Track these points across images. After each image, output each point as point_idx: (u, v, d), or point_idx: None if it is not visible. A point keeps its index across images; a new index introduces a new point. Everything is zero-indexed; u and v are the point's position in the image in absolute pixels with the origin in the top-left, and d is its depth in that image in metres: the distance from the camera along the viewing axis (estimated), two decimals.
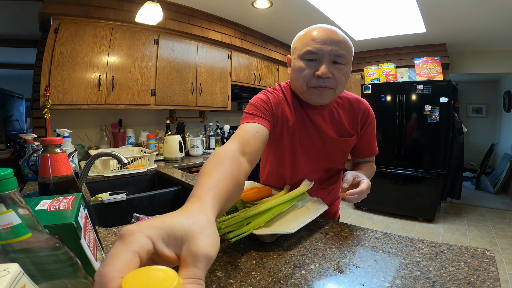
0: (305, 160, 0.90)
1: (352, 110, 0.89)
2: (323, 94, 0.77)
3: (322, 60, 0.75)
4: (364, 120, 0.90)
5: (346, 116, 0.89)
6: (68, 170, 0.52)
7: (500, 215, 3.39)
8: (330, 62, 0.75)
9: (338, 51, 0.74)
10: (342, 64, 0.76)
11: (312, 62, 0.76)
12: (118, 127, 2.37)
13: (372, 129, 0.93)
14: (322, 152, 0.90)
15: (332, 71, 0.75)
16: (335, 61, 0.75)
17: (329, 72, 0.74)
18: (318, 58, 0.75)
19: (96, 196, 1.20)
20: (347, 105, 0.89)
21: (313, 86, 0.77)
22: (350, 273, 0.55)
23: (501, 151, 4.88)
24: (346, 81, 0.79)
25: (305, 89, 0.79)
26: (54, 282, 0.28)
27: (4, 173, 0.28)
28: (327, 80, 0.75)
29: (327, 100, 0.81)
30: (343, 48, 0.75)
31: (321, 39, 0.74)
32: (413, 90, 3.23)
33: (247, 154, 0.63)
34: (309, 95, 0.79)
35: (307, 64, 0.76)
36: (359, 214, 3.54)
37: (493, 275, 0.52)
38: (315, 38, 0.75)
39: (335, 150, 0.90)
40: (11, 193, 0.28)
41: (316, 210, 0.77)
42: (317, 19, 2.83)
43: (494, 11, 2.48)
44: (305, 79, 0.77)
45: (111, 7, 2.05)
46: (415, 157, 3.27)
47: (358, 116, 0.89)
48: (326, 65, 0.74)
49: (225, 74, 2.91)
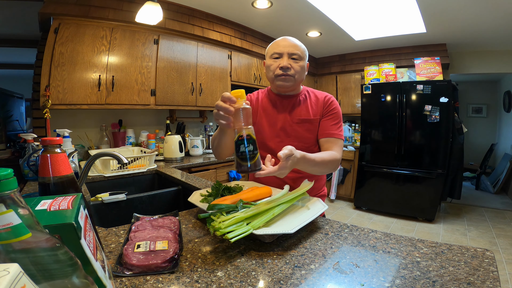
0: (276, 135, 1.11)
1: (317, 99, 1.13)
2: (286, 79, 1.05)
3: (283, 57, 1.04)
4: (325, 105, 1.11)
5: (312, 103, 1.13)
6: (68, 170, 0.52)
7: (500, 215, 3.39)
8: (289, 58, 1.04)
9: (293, 51, 1.04)
10: (298, 59, 1.05)
11: (277, 59, 1.06)
12: (118, 127, 2.36)
13: (333, 115, 1.10)
14: (291, 130, 1.10)
15: (290, 63, 1.04)
16: (292, 57, 1.05)
17: (288, 64, 1.03)
18: (281, 56, 1.05)
19: (96, 196, 1.20)
20: (313, 96, 1.15)
21: (279, 74, 1.05)
22: (350, 273, 0.55)
23: (501, 151, 4.88)
24: (303, 71, 1.08)
25: (274, 77, 1.07)
26: (54, 282, 0.28)
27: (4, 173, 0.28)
28: (288, 70, 1.04)
29: (290, 84, 1.06)
30: (297, 49, 1.05)
31: (282, 44, 1.06)
32: (413, 90, 3.23)
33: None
34: (277, 81, 1.07)
35: (274, 61, 1.07)
36: (359, 214, 3.54)
37: (493, 275, 0.52)
38: (278, 44, 1.07)
39: (302, 129, 1.10)
40: (11, 193, 0.28)
41: (316, 210, 0.77)
42: (317, 19, 2.83)
43: (494, 11, 2.48)
44: (273, 70, 1.06)
45: (111, 7, 2.05)
46: (415, 157, 3.27)
47: (321, 103, 1.11)
48: (286, 59, 1.04)
49: (225, 74, 2.91)
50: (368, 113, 3.59)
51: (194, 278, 0.54)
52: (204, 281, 0.52)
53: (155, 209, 1.32)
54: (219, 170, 2.43)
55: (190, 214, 0.91)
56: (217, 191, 0.92)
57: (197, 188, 1.28)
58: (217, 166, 2.41)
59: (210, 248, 0.66)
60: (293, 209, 0.80)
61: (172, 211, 0.95)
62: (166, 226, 0.74)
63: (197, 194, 0.96)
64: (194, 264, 0.59)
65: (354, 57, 4.03)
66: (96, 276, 0.38)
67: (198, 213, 0.90)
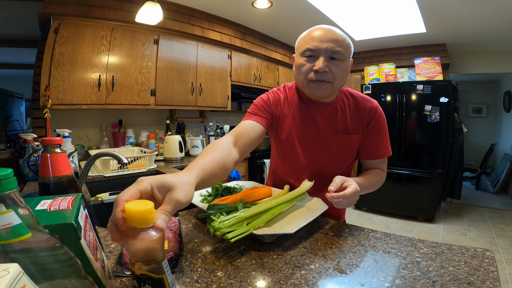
0: (306, 155, 0.93)
1: (358, 108, 0.91)
2: (320, 87, 0.83)
3: (319, 56, 0.81)
4: (370, 118, 0.91)
5: (351, 113, 0.91)
6: (68, 170, 0.52)
7: (500, 215, 3.39)
8: (327, 58, 0.81)
9: (334, 48, 0.80)
10: (339, 60, 0.81)
11: (311, 58, 0.82)
12: (118, 127, 2.36)
13: (380, 129, 0.92)
14: (323, 147, 0.92)
15: (329, 66, 0.80)
16: (332, 57, 0.81)
17: (326, 67, 0.80)
18: (316, 55, 0.81)
19: (96, 196, 1.20)
20: (353, 103, 0.92)
21: (312, 80, 0.82)
22: (350, 273, 0.55)
23: (501, 151, 4.88)
24: (344, 75, 0.84)
25: (305, 83, 0.85)
26: (54, 282, 0.28)
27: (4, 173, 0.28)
28: (325, 74, 0.81)
29: (325, 93, 0.85)
30: (339, 46, 0.80)
31: (318, 38, 0.81)
32: (413, 90, 3.23)
33: (238, 145, 0.78)
34: (308, 88, 0.85)
35: (306, 60, 0.83)
36: (359, 214, 3.54)
37: (493, 275, 0.52)
38: (314, 37, 0.81)
39: (338, 147, 0.91)
40: (11, 193, 0.28)
41: (316, 210, 0.77)
42: (317, 19, 2.82)
43: (494, 11, 2.48)
44: (305, 73, 0.83)
45: (111, 7, 2.05)
46: (415, 157, 3.27)
47: (364, 114, 0.90)
48: (323, 61, 0.80)
49: (225, 74, 2.91)
50: None
51: (194, 278, 0.54)
52: (204, 281, 0.52)
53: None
54: None
55: (190, 214, 0.91)
56: (217, 191, 0.92)
57: None
58: None
59: (210, 248, 0.66)
60: (293, 209, 0.80)
61: None
62: (166, 226, 0.74)
63: (197, 194, 0.96)
64: (194, 264, 0.59)
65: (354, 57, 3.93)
66: (96, 276, 0.38)
67: (198, 213, 0.90)
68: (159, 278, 0.39)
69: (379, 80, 3.62)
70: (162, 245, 0.39)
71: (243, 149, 0.79)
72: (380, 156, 0.94)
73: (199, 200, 0.89)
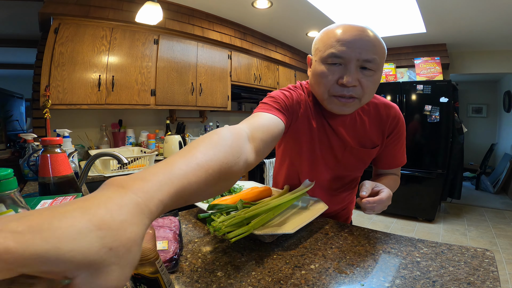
0: (323, 167, 0.83)
1: (379, 117, 0.78)
2: (346, 105, 0.66)
3: (348, 66, 0.62)
4: (392, 128, 0.80)
5: (372, 123, 0.78)
6: (68, 170, 0.52)
7: (500, 215, 3.39)
8: (358, 68, 0.63)
9: (368, 55, 0.61)
10: (372, 70, 0.64)
11: (336, 66, 0.64)
12: (118, 127, 2.36)
13: (400, 138, 0.82)
14: (341, 160, 0.81)
15: (359, 79, 0.63)
16: (364, 66, 0.63)
17: (356, 80, 0.63)
18: (343, 63, 0.63)
19: None
20: (373, 111, 0.79)
21: (336, 95, 0.65)
22: (350, 273, 0.55)
23: (501, 151, 4.88)
24: (375, 89, 0.68)
25: (326, 97, 0.68)
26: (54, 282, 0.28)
27: (4, 173, 0.28)
28: (353, 89, 0.64)
29: (350, 111, 0.70)
30: (374, 52, 0.62)
31: (348, 41, 0.61)
32: (413, 90, 3.23)
33: (256, 140, 0.50)
34: (329, 104, 0.68)
35: (330, 69, 0.64)
36: (359, 214, 3.53)
37: (493, 275, 0.52)
38: (341, 39, 0.62)
39: (355, 159, 0.82)
40: (11, 193, 0.28)
41: (316, 210, 0.77)
42: (317, 19, 2.83)
43: (494, 11, 2.48)
44: (327, 86, 0.66)
45: (111, 7, 2.05)
46: (415, 157, 3.27)
47: (385, 124, 0.79)
48: (353, 72, 0.62)
49: (225, 74, 2.91)
50: None
51: (194, 278, 0.54)
52: (204, 281, 0.52)
53: None
54: None
55: (190, 214, 0.91)
56: None
57: None
58: None
59: (210, 248, 0.66)
60: (293, 209, 0.80)
61: (172, 211, 0.95)
62: (166, 226, 0.74)
63: None
64: (194, 264, 0.59)
65: None
66: None
67: (198, 213, 0.90)
68: (153, 278, 0.38)
69: None
70: (153, 244, 0.39)
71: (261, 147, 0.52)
72: (397, 165, 0.88)
73: None
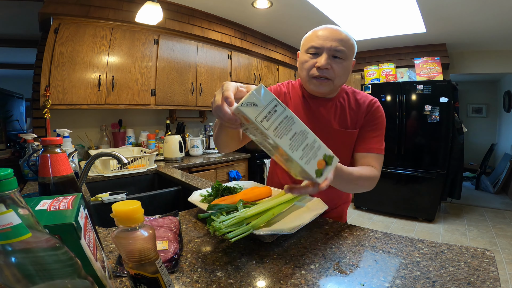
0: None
1: (357, 104, 0.93)
2: (322, 84, 0.86)
3: (322, 54, 0.83)
4: (367, 111, 0.92)
5: (351, 110, 0.93)
6: (68, 170, 0.52)
7: (500, 215, 3.39)
8: (330, 56, 0.83)
9: (337, 47, 0.82)
10: (341, 59, 0.84)
11: (315, 55, 0.85)
12: (118, 127, 2.36)
13: (375, 125, 0.90)
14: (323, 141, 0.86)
15: (331, 64, 0.83)
16: (335, 55, 0.83)
17: (328, 64, 0.82)
18: (319, 52, 0.84)
19: (96, 196, 1.20)
20: (353, 100, 0.94)
21: (314, 76, 0.85)
22: (350, 273, 0.55)
23: (501, 151, 4.88)
24: (345, 74, 0.86)
25: (308, 79, 0.87)
26: (54, 282, 0.28)
27: (4, 173, 0.28)
28: (326, 71, 0.83)
29: (326, 90, 0.87)
30: (343, 45, 0.82)
31: (323, 36, 0.83)
32: (413, 90, 3.23)
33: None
34: (310, 85, 0.88)
35: (310, 57, 0.85)
36: (359, 214, 3.54)
37: (493, 275, 0.52)
38: (319, 35, 0.84)
39: (336, 142, 0.88)
40: (11, 193, 0.28)
41: (316, 210, 0.77)
42: (317, 19, 2.82)
43: (494, 11, 2.48)
44: (308, 69, 0.86)
45: (111, 7, 2.05)
46: (415, 157, 3.27)
47: (362, 109, 0.92)
48: (326, 58, 0.82)
49: (225, 74, 2.90)
50: None
51: (194, 278, 0.54)
52: (204, 281, 0.52)
53: (155, 209, 1.32)
54: (219, 170, 2.43)
55: (190, 214, 0.91)
56: (217, 191, 0.92)
57: (197, 188, 1.28)
58: (217, 166, 2.41)
59: (210, 248, 0.66)
60: (293, 209, 0.80)
61: (172, 211, 0.95)
62: (166, 226, 0.74)
63: (197, 194, 0.96)
64: (194, 264, 0.59)
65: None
66: (96, 276, 0.38)
67: (198, 213, 0.90)
68: (153, 278, 0.38)
69: (379, 80, 3.62)
70: (153, 244, 0.39)
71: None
72: (371, 149, 0.89)
73: (199, 200, 0.89)
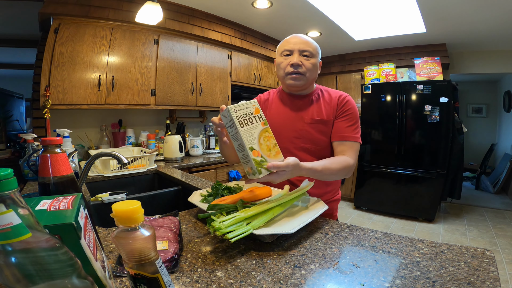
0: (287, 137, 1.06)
1: (330, 98, 1.08)
2: (297, 79, 1.02)
3: (293, 54, 1.02)
4: (340, 104, 1.05)
5: (325, 103, 1.08)
6: (68, 170, 0.52)
7: (500, 215, 3.38)
8: (300, 55, 1.01)
9: (304, 48, 1.01)
10: (309, 57, 1.02)
11: (288, 56, 1.03)
12: (118, 127, 2.36)
13: (348, 115, 1.03)
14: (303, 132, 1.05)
15: (301, 61, 1.01)
16: (304, 54, 1.01)
17: (299, 61, 1.00)
18: (291, 53, 1.03)
19: (96, 196, 1.20)
20: (327, 95, 1.09)
21: (289, 72, 1.02)
22: (350, 273, 0.55)
23: (501, 151, 4.88)
24: (315, 70, 1.04)
25: (284, 76, 1.04)
26: (54, 282, 0.28)
27: (4, 173, 0.28)
28: (299, 67, 1.00)
29: (301, 83, 1.03)
30: (308, 46, 1.02)
31: (292, 41, 1.04)
32: (413, 90, 3.22)
33: None
34: (287, 81, 1.04)
35: (284, 58, 1.04)
36: (359, 214, 3.54)
37: (493, 275, 0.52)
38: (289, 41, 1.04)
39: (315, 130, 1.04)
40: (11, 193, 0.28)
41: (316, 210, 0.77)
42: (317, 19, 2.83)
43: (494, 11, 2.48)
44: (284, 68, 1.03)
45: (111, 7, 2.05)
46: (415, 157, 3.27)
47: (334, 102, 1.06)
48: (296, 57, 1.01)
49: (225, 74, 2.91)
50: (368, 113, 3.59)
51: (194, 278, 0.54)
52: (204, 281, 0.52)
53: (155, 209, 1.32)
54: (219, 170, 2.43)
55: (190, 214, 0.91)
56: (217, 191, 0.92)
57: (197, 188, 1.28)
58: (217, 166, 2.41)
59: (210, 248, 0.66)
60: (293, 209, 0.80)
61: (172, 211, 0.95)
62: (166, 226, 0.74)
63: (197, 194, 0.96)
64: (194, 264, 0.59)
65: (354, 57, 4.03)
66: (96, 276, 0.38)
67: (198, 213, 0.90)
68: (153, 278, 0.38)
69: (379, 80, 3.62)
70: (153, 244, 0.38)
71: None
72: (345, 137, 1.01)
73: (199, 200, 0.89)
